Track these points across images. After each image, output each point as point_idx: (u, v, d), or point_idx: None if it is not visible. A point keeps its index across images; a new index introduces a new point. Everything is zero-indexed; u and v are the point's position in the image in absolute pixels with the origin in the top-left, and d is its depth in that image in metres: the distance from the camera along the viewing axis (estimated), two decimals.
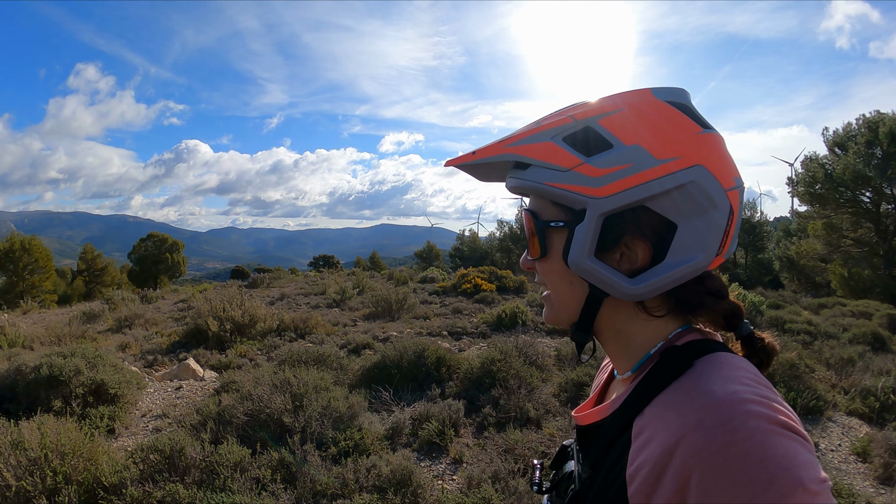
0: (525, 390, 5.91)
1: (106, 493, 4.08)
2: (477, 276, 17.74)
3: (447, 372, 6.78)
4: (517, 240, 37.56)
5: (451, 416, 5.41)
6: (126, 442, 5.66)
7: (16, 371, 6.38)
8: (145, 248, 44.27)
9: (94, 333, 13.20)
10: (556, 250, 0.95)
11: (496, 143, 0.98)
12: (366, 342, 9.87)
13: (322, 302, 16.55)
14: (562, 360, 7.30)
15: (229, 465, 4.30)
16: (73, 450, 4.23)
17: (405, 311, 13.75)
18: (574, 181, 0.88)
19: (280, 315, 12.19)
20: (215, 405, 5.56)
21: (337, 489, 4.22)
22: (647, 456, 0.78)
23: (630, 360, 0.95)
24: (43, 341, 12.21)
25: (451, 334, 11.08)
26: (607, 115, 0.89)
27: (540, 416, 5.58)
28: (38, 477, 3.98)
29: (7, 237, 35.31)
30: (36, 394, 6.00)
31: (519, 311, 11.80)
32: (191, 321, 11.87)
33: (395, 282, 20.44)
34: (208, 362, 9.13)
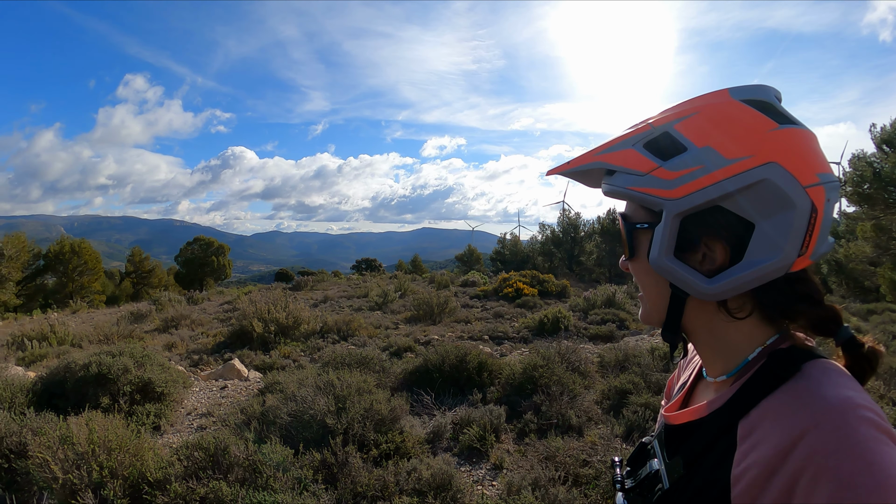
0: (567, 397, 5.83)
1: (150, 488, 4.15)
2: (518, 281, 17.65)
3: (489, 377, 6.72)
4: (559, 243, 37.24)
5: (493, 422, 5.37)
6: (171, 439, 5.79)
7: (65, 368, 6.54)
8: (192, 252, 45.33)
9: (141, 333, 13.60)
10: (642, 251, 0.99)
11: (588, 152, 1.03)
12: (407, 345, 9.90)
13: (364, 304, 16.69)
14: (605, 367, 7.18)
15: (272, 465, 4.34)
16: (119, 445, 4.30)
17: (446, 314, 13.76)
18: (651, 184, 0.92)
19: (323, 317, 12.33)
20: (259, 405, 5.64)
21: (377, 491, 4.23)
22: (756, 457, 0.79)
23: (725, 364, 0.97)
24: (91, 340, 12.62)
25: (493, 339, 11.04)
26: (682, 119, 0.92)
27: (582, 423, 5.49)
28: (84, 471, 4.06)
29: (57, 240, 36.65)
30: (84, 391, 6.14)
31: (561, 315, 11.68)
32: (236, 322, 12.11)
33: (436, 285, 20.48)
34: (252, 363, 9.28)
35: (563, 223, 38.02)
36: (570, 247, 36.63)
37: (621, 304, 14.57)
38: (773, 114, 0.90)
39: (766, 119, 0.88)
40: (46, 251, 35.65)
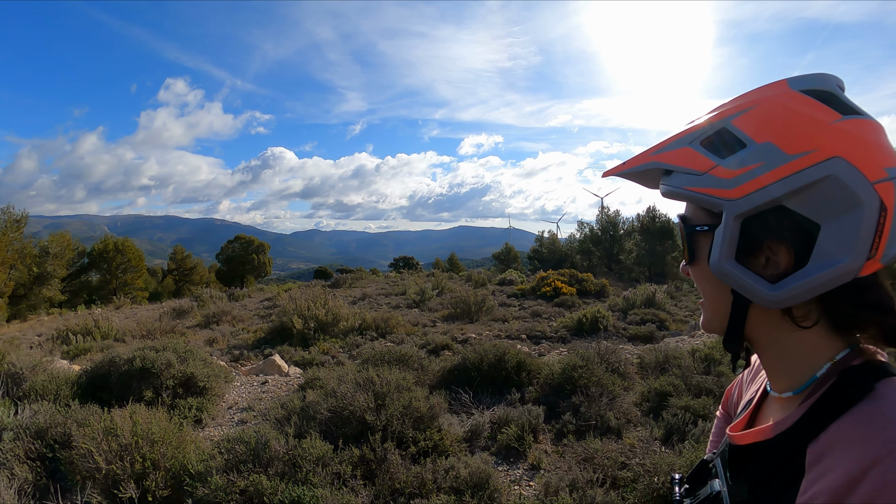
0: (606, 398, 5.76)
1: (191, 480, 4.25)
2: (557, 279, 17.55)
3: (527, 376, 6.69)
4: (598, 241, 36.82)
5: (531, 422, 5.34)
6: (212, 432, 5.90)
7: (110, 362, 6.72)
8: (233, 250, 46.22)
9: (183, 328, 13.93)
10: (703, 255, 0.94)
11: (644, 152, 0.99)
12: (445, 343, 9.93)
13: (402, 302, 16.79)
14: (644, 369, 7.08)
15: (312, 460, 4.40)
16: (162, 438, 4.43)
17: (484, 313, 13.76)
18: (709, 184, 0.88)
19: (362, 314, 12.45)
20: (300, 400, 5.72)
21: (415, 488, 4.26)
22: (824, 486, 0.75)
23: (791, 378, 0.91)
24: (134, 335, 12.97)
25: (530, 338, 11.00)
26: (740, 113, 0.88)
27: (621, 425, 5.43)
28: (127, 462, 4.19)
29: (101, 239, 37.93)
30: (128, 384, 6.31)
31: (600, 315, 11.58)
32: (276, 319, 12.31)
33: (473, 283, 20.49)
34: (292, 358, 9.42)
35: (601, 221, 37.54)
36: (609, 245, 36.15)
37: (661, 304, 14.38)
38: (836, 104, 0.85)
39: (829, 110, 0.83)
40: (91, 249, 37.08)
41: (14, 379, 6.44)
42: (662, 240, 34.32)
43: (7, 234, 26.07)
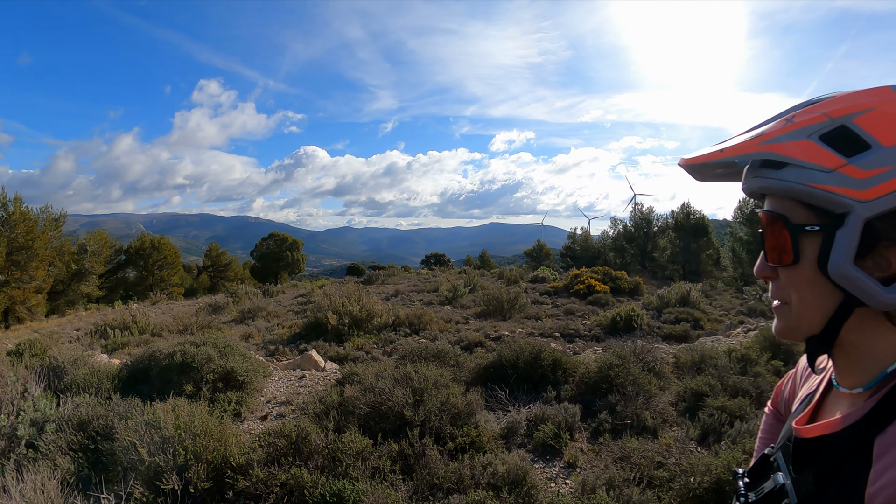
0: (643, 398, 5.74)
1: (233, 472, 4.32)
2: (590, 277, 17.44)
3: (563, 375, 6.67)
4: (631, 239, 36.39)
5: (567, 420, 5.34)
6: (251, 426, 5.99)
7: (150, 356, 6.87)
8: (267, 247, 46.82)
9: (218, 324, 14.18)
10: (808, 256, 0.89)
11: (747, 141, 0.92)
12: (478, 340, 9.97)
13: (434, 299, 16.85)
14: (680, 368, 7.02)
15: (351, 454, 4.46)
16: (204, 431, 4.47)
17: (516, 310, 13.75)
18: (838, 183, 0.84)
19: (395, 311, 12.54)
20: (338, 395, 5.80)
21: (453, 484, 4.29)
22: (892, 477, 0.75)
23: (862, 375, 0.91)
24: (171, 329, 13.27)
25: (564, 336, 10.97)
26: (861, 113, 0.85)
27: (657, 424, 5.41)
28: (170, 454, 4.24)
29: (138, 236, 38.87)
30: (168, 378, 6.43)
31: (634, 314, 11.49)
32: (311, 315, 12.48)
33: (505, 281, 20.47)
34: (327, 354, 9.55)
35: (635, 218, 37.08)
36: (643, 242, 35.71)
37: (696, 302, 14.19)
38: None
39: None
40: (127, 247, 38.01)
41: (56, 372, 6.58)
42: (697, 237, 33.80)
43: (46, 232, 26.69)
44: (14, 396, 5.39)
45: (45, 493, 3.88)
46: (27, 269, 24.90)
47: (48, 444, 4.77)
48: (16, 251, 24.63)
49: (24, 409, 5.16)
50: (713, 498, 3.95)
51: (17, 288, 24.43)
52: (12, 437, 4.90)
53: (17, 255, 24.66)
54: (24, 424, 4.99)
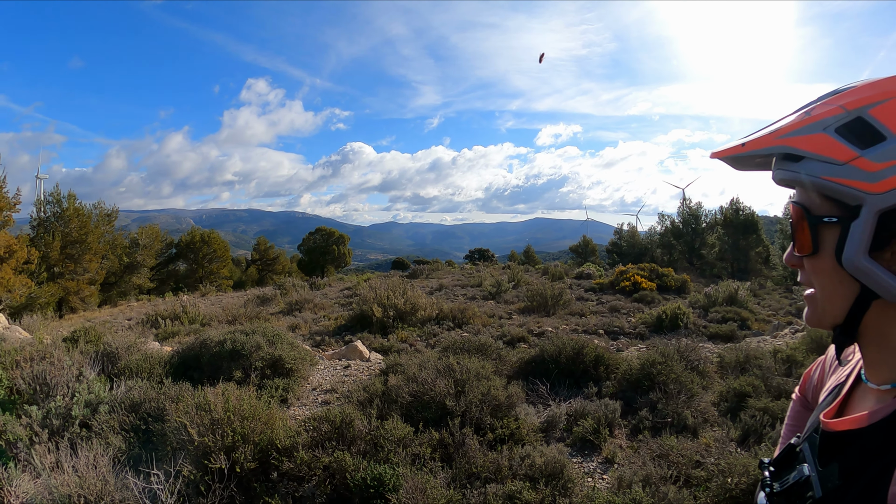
0: (684, 396, 5.71)
1: (278, 454, 4.49)
2: (636, 274, 17.23)
3: (605, 371, 6.67)
4: (679, 235, 35.53)
5: (607, 416, 5.35)
6: (297, 412, 6.17)
7: (201, 344, 7.12)
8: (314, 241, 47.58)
9: (266, 315, 14.55)
10: (827, 247, 0.90)
11: (766, 135, 0.94)
12: (521, 335, 10.00)
13: (478, 294, 16.91)
14: (724, 368, 6.92)
15: (393, 440, 4.58)
16: (252, 414, 4.65)
17: (560, 306, 13.71)
18: (851, 175, 0.84)
19: (439, 305, 12.66)
20: (382, 384, 5.93)
21: (491, 473, 4.37)
22: None
23: (891, 370, 0.90)
24: (220, 320, 13.69)
25: (608, 333, 10.92)
26: (878, 104, 0.85)
27: (697, 424, 5.38)
28: (218, 435, 4.42)
29: (188, 231, 40.13)
30: (218, 365, 6.67)
31: (681, 312, 11.33)
32: (356, 307, 12.70)
33: (550, 277, 20.37)
34: (372, 345, 9.73)
35: (683, 214, 36.16)
36: (691, 239, 34.75)
37: (743, 302, 13.90)
38: None
39: None
40: (178, 241, 39.25)
41: (110, 358, 6.86)
42: (746, 234, 32.76)
43: (99, 227, 28.12)
44: (69, 379, 5.64)
45: (97, 469, 4.06)
46: (81, 261, 26.24)
47: (101, 424, 5.00)
48: (70, 245, 26.00)
49: (79, 392, 5.39)
50: (750, 500, 3.91)
51: (70, 279, 25.70)
52: (67, 416, 5.14)
53: (71, 248, 26.04)
54: (78, 405, 5.22)
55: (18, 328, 11.24)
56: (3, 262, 19.85)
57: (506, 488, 4.06)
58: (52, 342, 7.83)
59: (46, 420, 5.08)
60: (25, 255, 20.86)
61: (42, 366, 5.66)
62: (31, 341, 8.35)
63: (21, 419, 5.07)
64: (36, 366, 5.70)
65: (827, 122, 0.88)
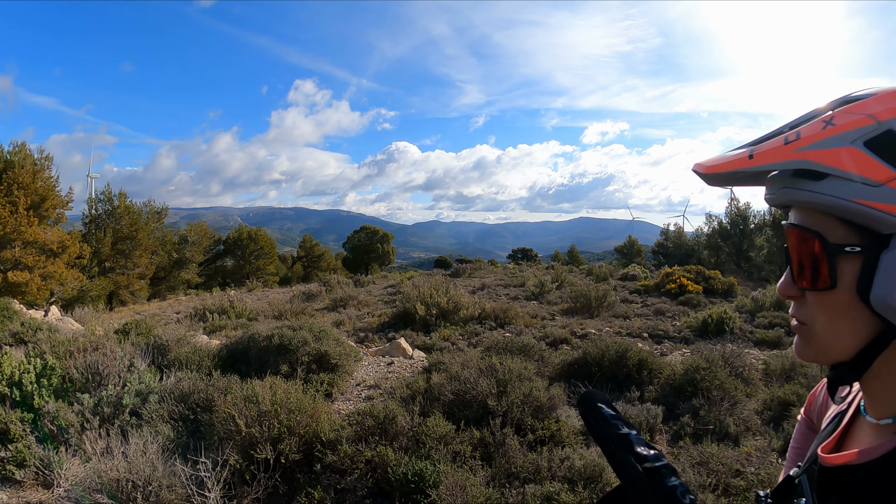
0: (727, 403, 5.65)
1: (322, 446, 4.64)
2: (682, 276, 16.94)
3: (648, 375, 6.64)
4: (727, 236, 34.49)
5: (649, 421, 5.35)
6: (341, 406, 6.32)
7: (249, 338, 7.34)
8: (358, 239, 48.20)
9: (312, 311, 14.83)
10: (845, 281, 0.78)
11: (780, 147, 0.80)
12: (563, 337, 9.97)
13: (521, 294, 16.87)
14: (769, 376, 6.79)
15: (435, 437, 4.68)
16: (298, 407, 4.80)
17: (605, 308, 13.59)
18: (887, 199, 0.72)
19: (481, 304, 12.70)
20: (424, 382, 6.03)
21: (530, 474, 4.41)
22: None
23: (892, 406, 0.83)
24: (266, 315, 14.03)
25: (652, 337, 10.79)
26: None
27: (739, 432, 5.32)
28: (265, 426, 4.58)
29: (236, 228, 41.44)
30: (266, 358, 6.88)
31: (726, 317, 11.11)
32: (399, 305, 12.85)
33: (594, 278, 20.20)
34: (414, 343, 9.84)
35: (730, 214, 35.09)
36: (739, 240, 33.74)
37: None
38: None
39: None
40: (226, 237, 40.65)
41: (160, 350, 7.15)
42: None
43: (149, 223, 29.50)
44: (121, 369, 5.90)
45: (146, 455, 4.23)
46: (131, 256, 27.54)
47: (151, 413, 5.20)
48: (120, 241, 27.35)
49: (130, 381, 5.63)
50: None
51: (121, 274, 26.98)
52: (118, 405, 5.37)
53: (121, 244, 27.36)
54: (129, 394, 5.46)
55: (70, 319, 11.75)
56: (56, 256, 20.82)
57: (544, 489, 4.10)
58: (104, 334, 8.17)
59: (98, 408, 5.30)
60: (77, 251, 21.86)
61: (95, 356, 5.91)
62: (84, 332, 8.73)
63: (73, 406, 5.30)
64: (89, 356, 5.96)
65: (855, 133, 0.75)
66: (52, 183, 21.70)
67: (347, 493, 4.42)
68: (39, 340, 7.25)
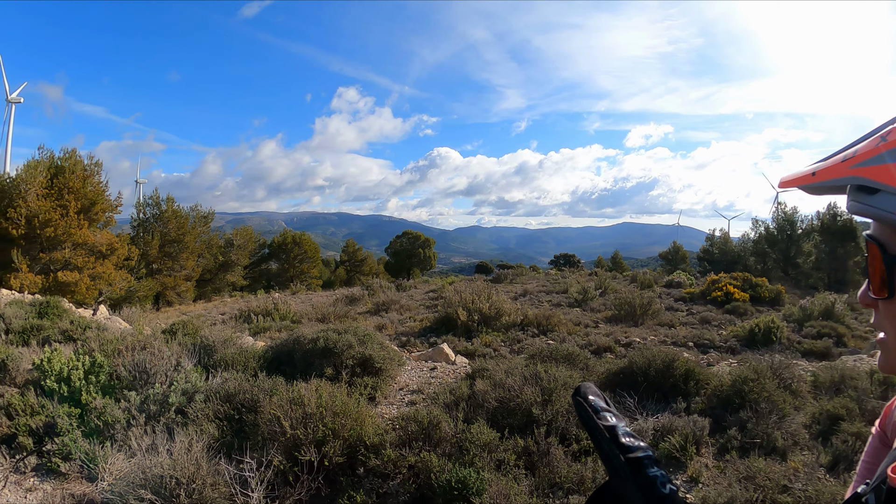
0: (775, 416, 5.51)
1: (366, 450, 4.70)
2: (728, 284, 16.60)
3: (695, 386, 6.51)
4: (774, 242, 33.27)
5: (695, 433, 5.26)
6: (384, 410, 6.38)
7: (294, 341, 7.46)
8: (400, 244, 48.64)
9: (354, 314, 15.02)
10: None
11: (838, 164, 0.83)
12: (607, 345, 9.90)
13: (563, 300, 16.76)
14: (818, 388, 6.60)
15: (478, 445, 4.70)
16: (343, 410, 4.86)
17: (649, 316, 13.42)
18: None
19: (524, 310, 12.68)
20: (468, 388, 6.05)
21: (574, 484, 4.41)
22: None
23: None
24: (310, 317, 14.24)
25: (697, 346, 10.63)
26: None
27: (787, 446, 5.18)
28: (310, 428, 4.65)
29: (280, 232, 42.47)
30: (310, 361, 6.96)
31: (774, 326, 10.86)
32: (441, 310, 12.92)
33: (638, 284, 19.93)
34: (456, 348, 9.88)
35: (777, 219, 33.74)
36: (786, 246, 32.42)
37: (840, 316, 13.08)
38: None
39: None
40: (271, 241, 41.60)
41: (206, 350, 7.29)
42: (844, 242, 30.22)
43: (196, 227, 30.82)
44: (168, 369, 6.08)
45: (190, 453, 4.33)
46: (178, 259, 28.79)
47: (196, 412, 5.34)
48: (168, 244, 28.62)
49: (177, 380, 5.80)
50: None
51: (168, 276, 28.23)
52: (164, 403, 5.54)
53: (169, 247, 28.63)
54: (175, 393, 5.62)
55: (118, 319, 12.15)
56: (105, 258, 21.78)
57: None
58: (151, 333, 8.41)
59: (144, 405, 5.48)
60: (126, 253, 22.91)
61: (143, 355, 6.09)
62: (131, 331, 9.00)
63: (119, 403, 5.49)
64: (137, 355, 6.14)
65: None
66: (102, 188, 22.68)
67: (389, 497, 4.48)
68: (88, 339, 7.51)
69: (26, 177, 20.32)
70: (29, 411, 5.42)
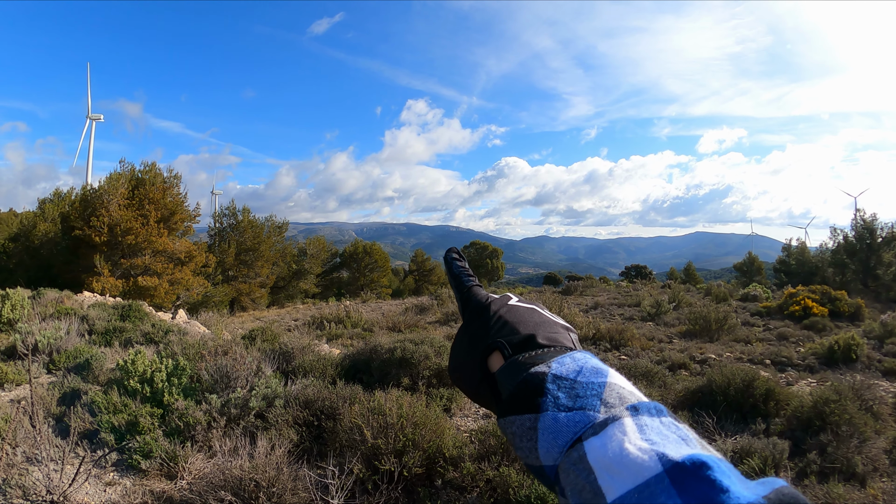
0: (857, 440, 5.38)
1: (445, 462, 4.73)
2: (807, 297, 16.14)
3: (774, 407, 6.40)
4: (853, 252, 30.97)
5: (774, 456, 5.18)
6: (459, 422, 6.42)
7: (371, 350, 7.63)
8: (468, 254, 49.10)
9: (424, 324, 15.34)
10: None
11: None
12: (682, 361, 9.84)
13: (636, 314, 16.66)
14: None
15: None
16: (423, 421, 4.88)
17: (725, 331, 13.20)
18: None
19: (596, 324, 12.71)
20: None
21: None
22: None
23: None
24: (381, 326, 14.65)
25: (774, 364, 10.44)
26: None
27: (867, 472, 5.07)
28: (390, 438, 4.67)
29: (351, 242, 44.00)
30: (387, 370, 7.12)
31: (854, 343, 10.51)
32: None
33: (713, 298, 19.58)
34: None
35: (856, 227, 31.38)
36: (865, 256, 30.05)
37: None
38: None
39: None
40: (342, 251, 43.09)
41: (285, 356, 7.52)
42: None
43: (271, 237, 32.61)
44: (249, 373, 6.21)
45: (270, 457, 4.44)
46: (253, 267, 30.58)
47: (276, 417, 5.50)
48: (244, 252, 30.46)
49: (257, 385, 5.94)
50: None
51: (243, 282, 30.04)
52: (244, 407, 5.70)
53: (244, 255, 30.48)
54: (256, 397, 5.77)
55: (197, 323, 12.86)
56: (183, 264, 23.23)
57: None
58: (231, 338, 8.79)
59: (225, 408, 5.65)
60: (203, 260, 24.35)
61: (224, 360, 6.26)
62: (211, 336, 9.47)
63: (200, 405, 5.67)
64: (219, 359, 6.32)
65: None
66: (181, 199, 24.21)
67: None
68: (171, 342, 7.90)
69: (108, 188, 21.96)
70: (112, 409, 5.63)
